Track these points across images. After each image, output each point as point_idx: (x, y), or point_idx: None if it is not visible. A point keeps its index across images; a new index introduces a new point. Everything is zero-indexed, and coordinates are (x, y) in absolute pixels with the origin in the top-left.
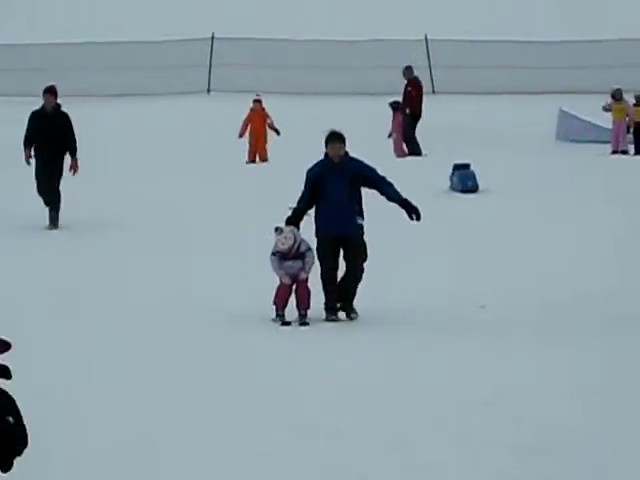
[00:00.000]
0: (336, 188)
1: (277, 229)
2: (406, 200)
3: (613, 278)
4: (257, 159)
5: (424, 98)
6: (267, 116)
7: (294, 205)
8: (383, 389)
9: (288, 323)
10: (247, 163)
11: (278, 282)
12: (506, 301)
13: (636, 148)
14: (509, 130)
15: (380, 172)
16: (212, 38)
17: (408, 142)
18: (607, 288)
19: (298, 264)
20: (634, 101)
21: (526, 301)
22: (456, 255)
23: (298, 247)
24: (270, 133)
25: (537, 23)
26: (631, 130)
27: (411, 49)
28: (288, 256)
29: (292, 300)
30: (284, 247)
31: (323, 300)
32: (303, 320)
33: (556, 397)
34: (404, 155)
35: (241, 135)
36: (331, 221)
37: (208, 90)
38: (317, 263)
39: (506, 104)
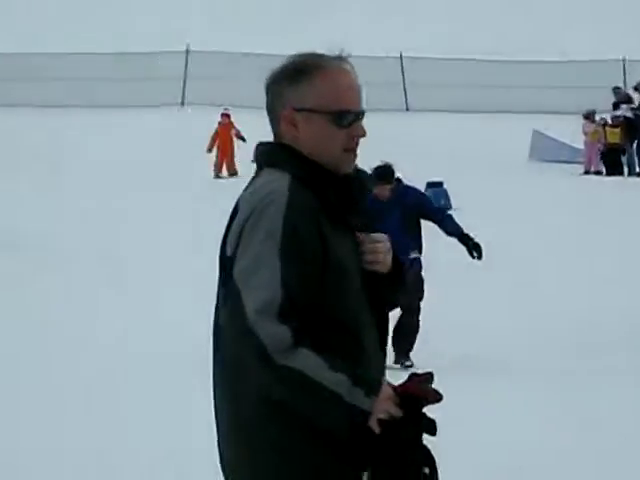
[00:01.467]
0: (387, 222)
1: None
2: (467, 235)
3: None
4: (225, 173)
5: None
6: (233, 127)
7: None
8: None
9: None
10: (214, 178)
11: None
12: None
13: (607, 169)
14: (482, 149)
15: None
16: (187, 51)
17: None
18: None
19: None
20: (610, 122)
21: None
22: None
23: None
24: (238, 146)
25: (511, 43)
26: (603, 151)
27: (386, 66)
28: None
29: None
30: None
31: None
32: None
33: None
34: None
35: (209, 150)
36: None
37: (182, 103)
38: None
39: (479, 123)
